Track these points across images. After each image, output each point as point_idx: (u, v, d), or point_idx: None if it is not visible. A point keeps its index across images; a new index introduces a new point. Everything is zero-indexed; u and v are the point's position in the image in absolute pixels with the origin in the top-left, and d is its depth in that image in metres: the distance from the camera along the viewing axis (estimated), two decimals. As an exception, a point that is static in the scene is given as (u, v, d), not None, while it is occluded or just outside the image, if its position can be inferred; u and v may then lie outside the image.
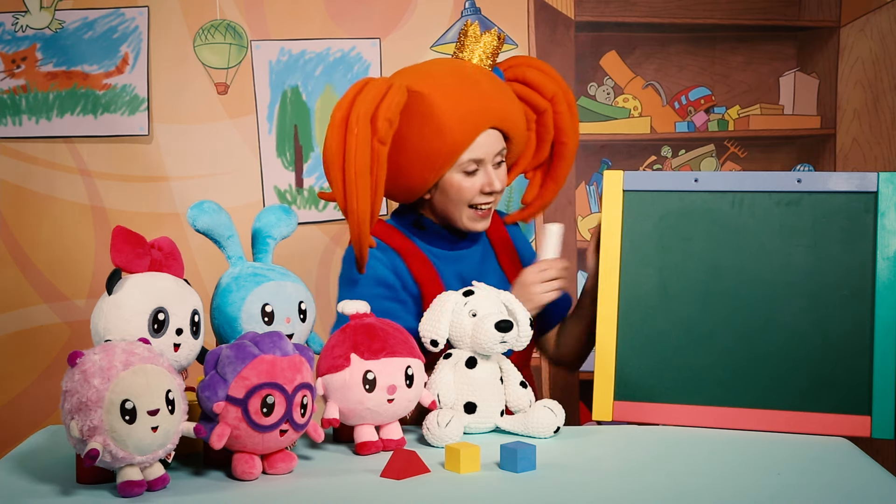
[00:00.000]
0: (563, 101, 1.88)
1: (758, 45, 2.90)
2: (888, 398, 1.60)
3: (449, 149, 1.72)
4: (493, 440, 1.53)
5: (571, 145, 1.91)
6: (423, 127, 1.71)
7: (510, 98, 1.80)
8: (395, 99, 1.66)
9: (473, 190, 1.78)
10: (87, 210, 2.74)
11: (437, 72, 1.77)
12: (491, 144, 1.76)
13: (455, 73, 1.76)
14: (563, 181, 1.94)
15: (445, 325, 1.61)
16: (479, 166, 1.77)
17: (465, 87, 1.74)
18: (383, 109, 1.65)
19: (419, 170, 1.74)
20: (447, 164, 1.74)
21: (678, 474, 1.40)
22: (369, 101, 1.64)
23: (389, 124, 1.65)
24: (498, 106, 1.76)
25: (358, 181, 1.63)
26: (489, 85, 1.77)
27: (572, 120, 1.90)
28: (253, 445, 1.37)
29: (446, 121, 1.71)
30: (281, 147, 2.79)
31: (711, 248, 1.71)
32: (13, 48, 2.71)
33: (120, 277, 1.40)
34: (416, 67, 1.82)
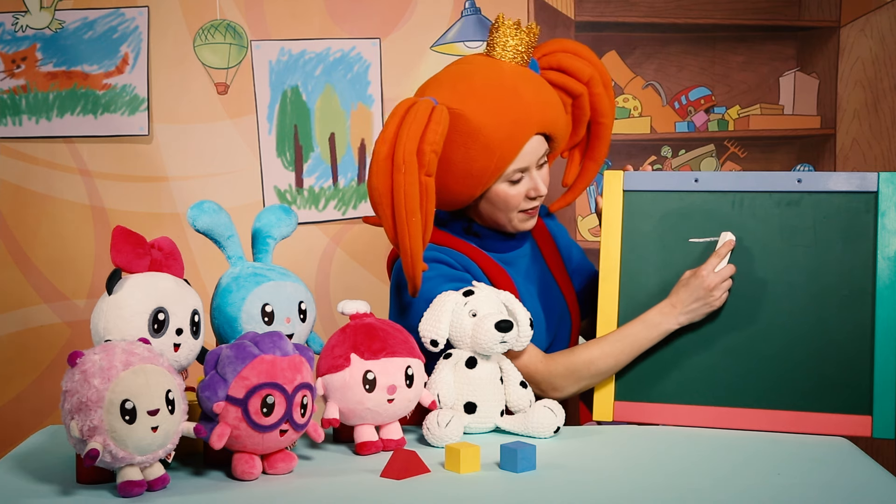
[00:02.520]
0: (599, 83, 1.84)
1: (758, 45, 2.90)
2: (889, 398, 1.60)
3: (495, 165, 1.70)
4: (493, 440, 1.53)
5: (609, 125, 1.89)
6: (467, 147, 1.68)
7: (550, 99, 1.76)
8: (439, 128, 1.61)
9: (520, 197, 1.76)
10: (87, 210, 2.74)
11: (477, 85, 1.70)
12: (535, 151, 1.73)
13: (494, 85, 1.70)
14: (603, 161, 1.92)
15: (445, 325, 1.61)
16: (524, 173, 1.74)
17: (505, 99, 1.69)
18: (429, 141, 1.60)
19: (465, 187, 1.72)
20: (493, 178, 1.72)
21: (678, 474, 1.40)
22: (413, 134, 1.59)
23: (436, 155, 1.61)
24: (539, 112, 1.72)
25: (409, 220, 1.60)
26: (528, 90, 1.72)
27: (609, 100, 1.87)
28: (253, 445, 1.37)
29: (491, 139, 1.67)
30: (281, 147, 2.79)
31: (711, 248, 1.71)
32: (13, 48, 2.71)
33: (120, 277, 1.40)
34: (453, 78, 1.73)
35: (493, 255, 1.83)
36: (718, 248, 1.68)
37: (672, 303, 1.69)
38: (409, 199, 1.59)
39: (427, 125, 1.61)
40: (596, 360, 1.71)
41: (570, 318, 1.91)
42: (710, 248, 1.71)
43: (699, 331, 1.70)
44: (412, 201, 1.59)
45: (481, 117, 1.67)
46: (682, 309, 1.67)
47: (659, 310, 1.69)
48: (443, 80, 1.75)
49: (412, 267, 1.63)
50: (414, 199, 1.59)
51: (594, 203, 2.90)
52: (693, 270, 1.68)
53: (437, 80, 1.76)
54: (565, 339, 1.89)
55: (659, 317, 1.69)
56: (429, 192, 1.61)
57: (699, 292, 1.66)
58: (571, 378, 1.71)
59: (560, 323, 1.88)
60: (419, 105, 1.63)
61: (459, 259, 1.78)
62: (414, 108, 1.63)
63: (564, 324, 1.89)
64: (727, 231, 1.69)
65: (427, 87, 1.76)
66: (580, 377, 1.72)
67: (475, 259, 1.79)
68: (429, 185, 1.61)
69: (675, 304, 1.68)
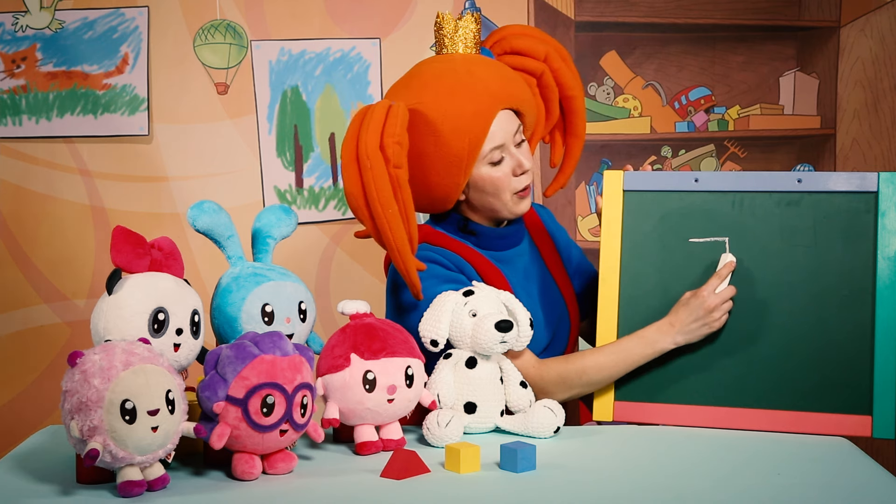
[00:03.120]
0: (556, 58, 1.87)
1: (758, 45, 2.90)
2: (889, 398, 1.60)
3: (469, 145, 1.71)
4: (493, 440, 1.53)
5: (579, 97, 1.90)
6: (436, 136, 1.70)
7: (507, 74, 1.79)
8: (397, 120, 1.64)
9: (506, 177, 1.76)
10: (87, 210, 2.75)
11: (430, 80, 1.74)
12: (506, 126, 1.75)
13: (447, 74, 1.74)
14: (583, 134, 1.93)
15: (445, 325, 1.61)
16: (503, 152, 1.75)
17: (459, 81, 1.72)
18: (389, 134, 1.62)
19: (448, 176, 1.73)
20: (472, 160, 1.73)
21: (678, 474, 1.40)
22: (373, 131, 1.62)
23: (400, 147, 1.63)
24: (499, 87, 1.74)
25: (386, 213, 1.61)
26: (483, 70, 1.75)
27: (571, 73, 1.89)
28: (253, 445, 1.37)
29: (457, 122, 1.70)
30: (281, 147, 2.79)
31: (712, 248, 1.71)
32: (13, 48, 2.72)
33: (120, 277, 1.40)
34: (409, 80, 1.78)
35: (489, 255, 1.83)
36: (719, 269, 1.68)
37: (671, 322, 1.69)
38: (381, 193, 1.61)
39: (386, 120, 1.64)
40: (588, 371, 1.72)
41: (569, 318, 1.91)
42: (710, 248, 1.71)
43: (699, 331, 1.70)
44: (384, 194, 1.61)
45: (440, 106, 1.70)
46: (681, 328, 1.68)
47: (657, 327, 1.69)
48: (396, 85, 1.80)
49: (403, 263, 1.64)
50: (386, 191, 1.61)
51: (594, 203, 2.90)
52: (694, 291, 1.68)
53: (392, 87, 1.81)
54: (564, 338, 1.89)
55: (657, 334, 1.69)
56: (401, 182, 1.63)
57: (699, 312, 1.66)
58: (563, 385, 1.72)
59: (559, 322, 1.88)
60: (375, 106, 1.66)
61: (453, 259, 1.78)
62: (370, 109, 1.66)
63: (563, 323, 1.89)
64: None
65: (386, 96, 1.80)
66: (571, 385, 1.73)
67: (469, 259, 1.79)
68: (399, 175, 1.63)
69: (674, 324, 1.68)
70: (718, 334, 1.69)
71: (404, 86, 1.77)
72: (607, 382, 1.72)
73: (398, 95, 1.75)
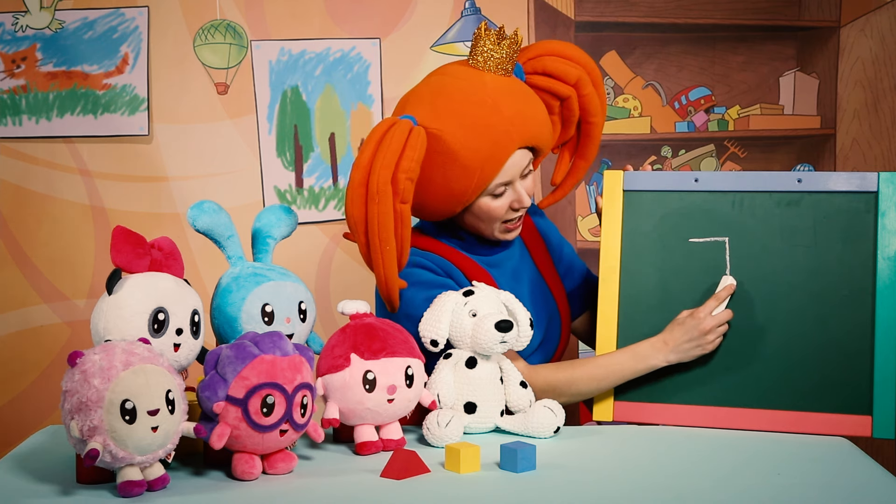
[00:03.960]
0: (587, 84, 1.80)
1: (758, 45, 2.90)
2: (889, 398, 1.60)
3: (476, 184, 1.68)
4: (493, 440, 1.53)
5: (600, 124, 1.86)
6: (445, 168, 1.66)
7: (533, 111, 1.72)
8: (415, 154, 1.59)
9: (503, 209, 1.74)
10: (87, 210, 2.74)
11: (457, 106, 1.66)
12: (518, 165, 1.71)
13: (473, 102, 1.67)
14: (593, 159, 1.89)
15: (445, 325, 1.61)
16: (507, 186, 1.73)
17: (485, 117, 1.66)
18: (403, 169, 1.58)
19: (446, 205, 1.71)
20: (475, 195, 1.70)
21: (678, 474, 1.40)
22: (388, 162, 1.57)
23: (411, 182, 1.60)
24: (521, 126, 1.69)
25: (383, 248, 1.59)
26: (510, 104, 1.68)
27: (600, 99, 1.83)
28: (253, 445, 1.37)
29: (470, 160, 1.65)
30: (281, 147, 2.79)
31: (712, 248, 1.71)
32: (13, 48, 2.71)
33: (120, 277, 1.40)
34: (434, 96, 1.69)
35: (478, 258, 1.82)
36: (718, 291, 1.68)
37: (665, 339, 1.69)
38: (382, 229, 1.58)
39: (403, 151, 1.59)
40: (577, 382, 1.72)
41: (560, 318, 1.90)
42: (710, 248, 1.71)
43: (699, 331, 1.70)
44: (386, 231, 1.58)
45: (460, 139, 1.65)
46: (674, 347, 1.68)
47: (651, 343, 1.70)
48: (423, 94, 1.71)
49: (387, 291, 1.64)
50: (388, 228, 1.59)
51: (594, 203, 2.90)
52: (691, 311, 1.68)
53: (417, 94, 1.73)
54: (555, 338, 1.89)
55: (650, 350, 1.69)
56: (404, 219, 1.61)
57: (693, 333, 1.66)
58: (551, 394, 1.72)
59: (550, 323, 1.88)
60: (396, 128, 1.60)
61: (441, 264, 1.77)
62: (391, 131, 1.60)
63: (554, 323, 1.89)
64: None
65: (408, 102, 1.73)
66: (560, 394, 1.73)
67: (457, 263, 1.79)
68: (403, 211, 1.60)
69: (668, 342, 1.68)
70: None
71: (429, 101, 1.69)
72: (595, 394, 1.73)
73: (421, 109, 1.68)
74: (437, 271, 1.76)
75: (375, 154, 1.59)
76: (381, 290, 1.65)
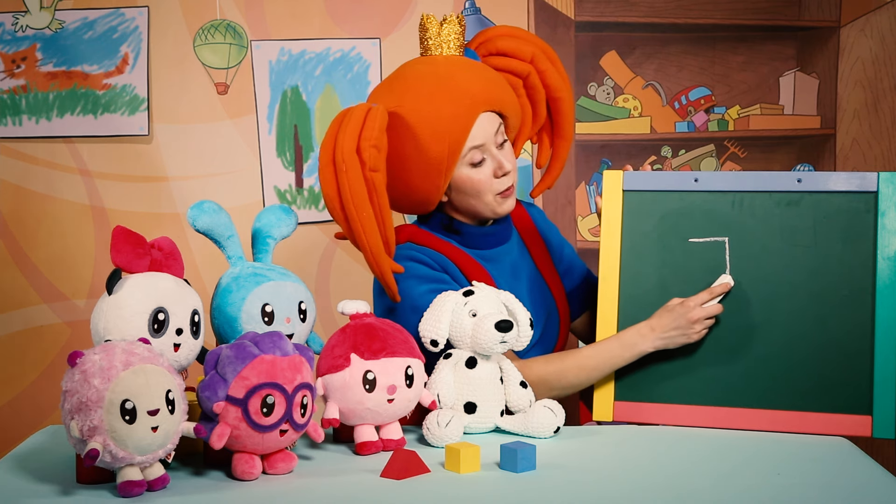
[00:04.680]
0: (543, 59, 1.85)
1: (758, 45, 2.90)
2: (889, 398, 1.60)
3: (449, 149, 1.71)
4: (493, 440, 1.53)
5: (567, 98, 1.89)
6: (416, 140, 1.70)
7: (489, 76, 1.78)
8: (375, 123, 1.64)
9: (487, 178, 1.76)
10: (87, 210, 2.75)
11: (411, 82, 1.74)
12: (487, 127, 1.74)
13: (428, 77, 1.74)
14: (572, 136, 1.92)
15: (445, 325, 1.61)
16: (484, 153, 1.75)
17: (440, 84, 1.72)
18: (365, 138, 1.63)
19: (428, 179, 1.73)
20: (452, 162, 1.73)
21: (678, 474, 1.40)
22: (350, 134, 1.63)
23: (377, 150, 1.63)
24: (480, 89, 1.74)
25: (361, 216, 1.62)
26: (464, 73, 1.74)
27: (559, 74, 1.88)
28: (253, 445, 1.37)
29: (436, 125, 1.69)
30: (281, 147, 2.79)
31: (711, 248, 1.71)
32: (13, 48, 2.72)
33: (120, 277, 1.40)
34: (391, 82, 1.78)
35: (475, 253, 1.83)
36: (714, 286, 1.68)
37: (651, 326, 1.69)
38: (355, 196, 1.61)
39: (364, 123, 1.64)
40: (567, 373, 1.72)
41: (559, 316, 1.91)
42: (710, 248, 1.71)
43: (699, 331, 1.70)
44: (359, 197, 1.61)
45: (420, 108, 1.70)
46: (660, 334, 1.68)
47: (637, 330, 1.70)
48: (379, 87, 1.80)
49: (377, 265, 1.65)
50: (361, 194, 1.61)
51: (594, 203, 2.90)
52: (681, 300, 1.68)
53: (375, 89, 1.81)
54: (553, 336, 1.89)
55: (636, 337, 1.69)
56: (377, 186, 1.63)
57: (681, 321, 1.66)
58: (543, 387, 1.72)
59: (548, 320, 1.88)
60: (354, 109, 1.66)
61: (437, 258, 1.78)
62: (349, 112, 1.66)
63: (552, 321, 1.89)
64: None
65: (368, 99, 1.80)
66: (551, 387, 1.73)
67: (454, 258, 1.79)
68: (375, 179, 1.63)
69: (655, 328, 1.68)
70: (718, 335, 1.68)
71: (387, 88, 1.77)
72: (587, 384, 1.73)
73: (380, 97, 1.75)
74: (432, 265, 1.76)
75: (337, 132, 1.64)
76: (371, 267, 1.67)
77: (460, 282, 1.78)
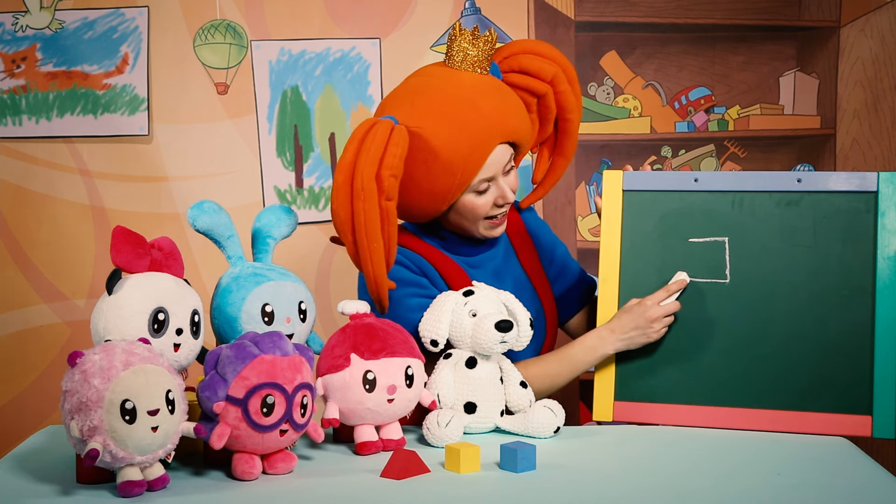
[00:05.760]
0: (563, 81, 1.82)
1: (758, 45, 2.90)
2: (889, 398, 1.60)
3: (458, 181, 1.69)
4: (493, 440, 1.53)
5: (577, 120, 1.87)
6: (428, 166, 1.66)
7: (512, 107, 1.74)
8: (398, 151, 1.59)
9: (487, 206, 1.75)
10: (87, 210, 2.74)
11: (435, 104, 1.68)
12: (499, 160, 1.72)
13: (452, 100, 1.68)
14: (572, 156, 1.91)
15: (445, 325, 1.61)
16: (491, 182, 1.73)
17: (464, 113, 1.67)
18: (387, 166, 1.58)
19: (430, 203, 1.72)
20: (458, 193, 1.71)
21: (678, 474, 1.40)
22: (372, 159, 1.57)
23: (395, 179, 1.60)
24: (501, 121, 1.70)
25: (371, 246, 1.59)
26: (488, 101, 1.70)
27: (575, 96, 1.85)
28: (253, 445, 1.37)
29: (451, 158, 1.66)
30: (281, 147, 2.79)
31: (711, 248, 1.71)
32: (13, 48, 2.71)
33: (120, 277, 1.40)
34: (414, 96, 1.71)
35: (458, 258, 1.82)
36: (670, 283, 1.69)
37: (611, 328, 1.70)
38: (369, 226, 1.58)
39: (385, 149, 1.59)
40: (535, 380, 1.73)
41: (545, 318, 1.90)
42: (710, 248, 1.71)
43: (699, 331, 1.70)
44: (373, 227, 1.58)
45: (441, 136, 1.66)
46: (620, 335, 1.69)
47: (597, 334, 1.71)
48: (402, 95, 1.73)
49: (377, 290, 1.63)
50: (374, 224, 1.58)
51: (594, 203, 2.90)
52: (639, 300, 1.69)
53: (396, 95, 1.74)
54: (540, 338, 1.88)
55: (597, 340, 1.71)
56: (389, 216, 1.60)
57: (639, 321, 1.67)
58: None
59: (535, 323, 1.87)
60: (378, 127, 1.61)
61: (416, 261, 1.77)
62: (373, 130, 1.60)
63: (539, 324, 1.88)
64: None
65: (387, 104, 1.74)
66: None
67: (435, 262, 1.78)
68: (389, 209, 1.60)
69: (614, 330, 1.69)
70: (719, 335, 1.69)
71: (408, 101, 1.71)
72: (552, 391, 1.75)
73: (400, 110, 1.69)
74: (411, 268, 1.76)
75: (358, 153, 1.59)
76: (370, 290, 1.65)
77: (438, 285, 1.78)
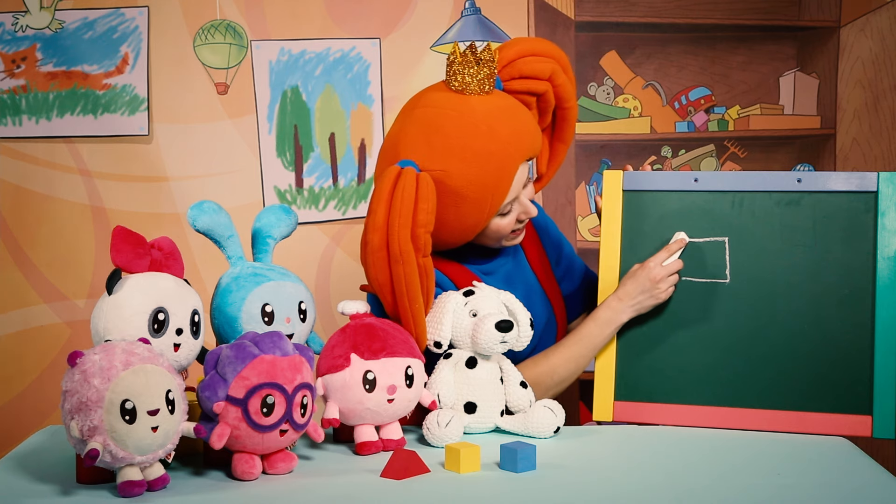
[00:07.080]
0: (560, 74, 1.80)
1: (758, 45, 2.90)
2: (889, 398, 1.60)
3: (487, 213, 1.68)
4: (493, 440, 1.53)
5: (574, 107, 1.86)
6: (457, 206, 1.64)
7: (525, 123, 1.71)
8: (428, 206, 1.55)
9: (511, 224, 1.73)
10: (87, 210, 2.75)
11: (451, 137, 1.62)
12: (521, 179, 1.70)
13: (468, 133, 1.62)
14: (571, 140, 1.90)
15: (448, 325, 1.61)
16: (513, 202, 1.72)
17: (484, 146, 1.63)
18: (420, 223, 1.54)
19: (461, 236, 1.70)
20: (488, 221, 1.70)
21: (678, 474, 1.40)
22: (405, 220, 1.53)
23: (429, 234, 1.57)
24: (518, 143, 1.67)
25: (413, 308, 1.57)
26: (504, 126, 1.66)
27: (571, 85, 1.84)
28: (253, 445, 1.37)
29: (479, 194, 1.64)
30: (281, 147, 2.79)
31: (711, 248, 1.71)
32: (13, 48, 2.72)
33: (120, 277, 1.40)
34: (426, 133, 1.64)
35: (472, 266, 1.81)
36: (670, 244, 1.70)
37: (619, 296, 1.70)
38: (410, 289, 1.56)
39: (416, 205, 1.55)
40: (558, 368, 1.73)
41: (556, 322, 1.90)
42: (709, 248, 1.71)
43: (699, 331, 1.70)
44: (414, 290, 1.57)
45: (466, 176, 1.62)
46: (629, 302, 1.69)
47: (607, 305, 1.71)
48: (414, 134, 1.65)
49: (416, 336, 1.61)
50: (415, 287, 1.57)
51: (594, 203, 2.90)
52: (640, 264, 1.69)
53: (407, 134, 1.66)
54: (551, 343, 1.87)
55: (608, 312, 1.70)
56: (427, 271, 1.59)
57: (645, 284, 1.67)
58: (538, 389, 1.72)
59: (546, 328, 1.86)
60: (404, 180, 1.55)
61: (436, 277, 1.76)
62: (399, 185, 1.55)
63: (550, 328, 1.88)
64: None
65: (399, 143, 1.67)
66: (546, 387, 1.74)
67: (451, 275, 1.77)
68: (426, 265, 1.58)
69: (622, 298, 1.69)
70: (719, 335, 1.69)
71: (425, 141, 1.63)
72: (577, 375, 1.75)
73: (418, 152, 1.63)
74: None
75: (389, 212, 1.55)
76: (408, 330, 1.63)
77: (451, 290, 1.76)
